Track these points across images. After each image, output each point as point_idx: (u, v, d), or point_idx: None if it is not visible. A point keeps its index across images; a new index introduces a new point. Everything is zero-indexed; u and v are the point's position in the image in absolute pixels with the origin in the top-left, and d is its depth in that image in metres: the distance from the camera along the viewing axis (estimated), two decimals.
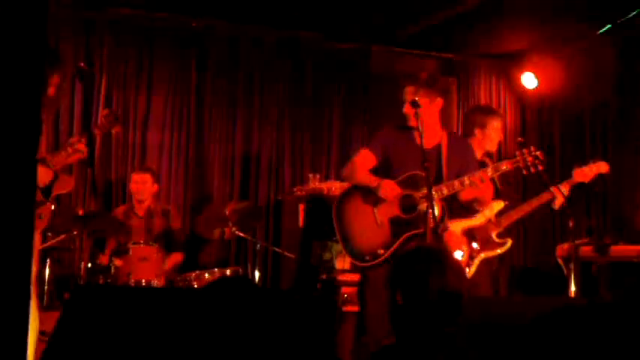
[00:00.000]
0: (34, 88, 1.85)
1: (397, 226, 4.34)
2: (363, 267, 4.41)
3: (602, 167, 5.12)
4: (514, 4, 6.51)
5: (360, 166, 4.52)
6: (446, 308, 2.52)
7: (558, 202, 5.02)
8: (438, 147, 4.49)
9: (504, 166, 4.39)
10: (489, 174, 4.38)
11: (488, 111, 5.37)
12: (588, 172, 5.06)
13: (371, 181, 4.42)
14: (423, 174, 4.22)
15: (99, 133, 4.88)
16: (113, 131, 5.00)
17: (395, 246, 4.31)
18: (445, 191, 4.34)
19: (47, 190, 4.42)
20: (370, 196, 4.40)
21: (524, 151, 4.41)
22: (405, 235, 4.33)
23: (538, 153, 4.38)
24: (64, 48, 6.61)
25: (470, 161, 4.57)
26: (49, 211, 4.48)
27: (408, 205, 4.35)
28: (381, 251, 4.29)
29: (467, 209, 4.91)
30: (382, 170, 4.51)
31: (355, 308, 5.57)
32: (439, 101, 4.49)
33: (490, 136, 5.15)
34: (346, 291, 5.75)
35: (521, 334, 2.78)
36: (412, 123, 4.41)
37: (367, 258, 4.32)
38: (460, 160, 4.51)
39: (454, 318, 2.54)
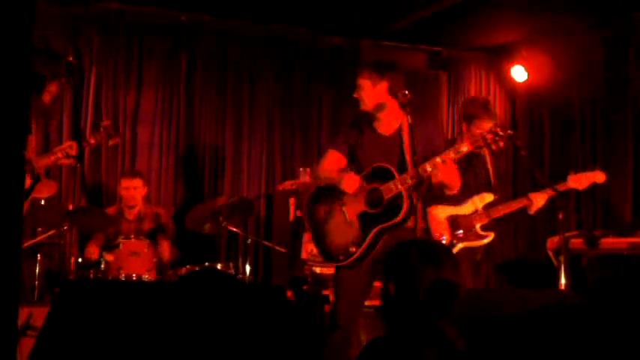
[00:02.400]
0: (21, 88, 1.84)
1: (366, 221, 4.24)
2: (338, 266, 4.31)
3: (599, 177, 5.01)
4: None
5: (326, 167, 4.41)
6: (439, 302, 2.51)
7: (534, 209, 4.98)
8: (399, 132, 4.31)
9: (464, 147, 4.11)
10: (451, 156, 4.11)
11: (480, 109, 5.02)
12: (584, 180, 4.98)
13: (333, 177, 4.32)
14: (387, 166, 4.18)
15: (94, 143, 4.84)
16: (110, 143, 4.97)
17: (366, 242, 4.22)
18: (409, 181, 4.13)
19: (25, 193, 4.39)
20: (337, 194, 4.30)
21: (485, 131, 4.23)
22: (375, 230, 4.22)
23: (497, 129, 4.09)
24: (52, 44, 6.57)
25: (436, 145, 4.29)
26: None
27: (374, 198, 4.25)
28: (354, 249, 4.20)
29: (454, 197, 4.90)
30: (355, 167, 4.39)
31: None
32: (383, 84, 4.31)
33: (473, 133, 4.88)
34: None
35: (511, 325, 2.79)
36: (363, 107, 4.39)
37: (341, 258, 4.24)
38: (425, 145, 4.25)
39: (447, 312, 2.53)
